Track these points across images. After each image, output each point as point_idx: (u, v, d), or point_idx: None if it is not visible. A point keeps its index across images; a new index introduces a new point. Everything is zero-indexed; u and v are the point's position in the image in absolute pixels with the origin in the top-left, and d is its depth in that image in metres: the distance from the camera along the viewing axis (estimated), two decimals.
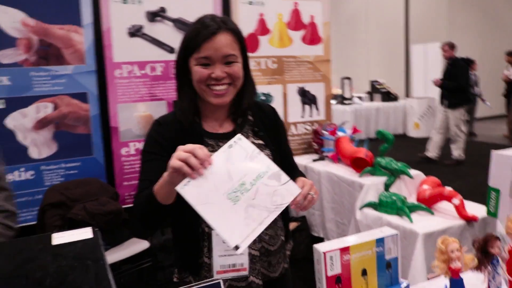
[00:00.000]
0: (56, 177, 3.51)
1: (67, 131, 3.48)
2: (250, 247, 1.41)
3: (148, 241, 3.69)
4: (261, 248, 1.49)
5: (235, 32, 1.41)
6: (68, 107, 3.45)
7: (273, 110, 1.63)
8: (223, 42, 1.37)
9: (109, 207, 3.27)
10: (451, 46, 7.32)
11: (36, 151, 3.39)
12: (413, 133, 10.81)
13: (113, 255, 3.15)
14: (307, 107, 4.32)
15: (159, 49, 3.73)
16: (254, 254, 1.47)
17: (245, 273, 1.41)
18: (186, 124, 1.44)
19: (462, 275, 1.22)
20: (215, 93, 1.40)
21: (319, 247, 1.21)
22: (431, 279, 1.25)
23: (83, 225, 3.00)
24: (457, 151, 7.61)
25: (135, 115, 3.73)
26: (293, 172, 1.57)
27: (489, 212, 1.57)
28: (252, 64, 3.97)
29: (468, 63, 7.30)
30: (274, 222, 1.53)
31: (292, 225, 3.93)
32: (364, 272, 1.25)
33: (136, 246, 3.31)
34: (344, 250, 1.21)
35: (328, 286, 1.21)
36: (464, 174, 6.90)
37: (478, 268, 1.29)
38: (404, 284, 1.30)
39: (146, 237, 3.56)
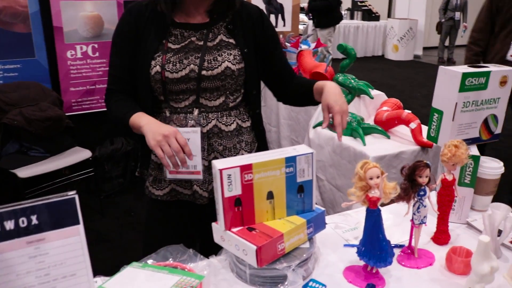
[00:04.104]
0: None
1: (3, 29, 3.15)
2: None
3: (97, 150, 3.52)
4: (214, 159, 1.34)
5: None
6: (2, 1, 3.09)
7: (259, 13, 1.48)
8: None
9: (48, 113, 3.04)
10: None
11: None
12: (391, 55, 10.54)
13: (52, 163, 2.97)
14: (272, 16, 4.00)
15: None
16: (204, 163, 1.36)
17: (199, 177, 1.30)
18: (168, 14, 1.34)
19: (384, 206, 1.07)
20: None
21: (217, 163, 1.03)
22: (345, 207, 1.09)
23: (19, 131, 2.79)
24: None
25: (81, 15, 3.39)
26: (294, 77, 1.52)
27: (429, 136, 1.40)
28: None
29: None
30: (236, 134, 1.43)
31: None
32: (270, 195, 1.08)
33: (78, 155, 3.13)
34: (246, 169, 1.03)
35: (225, 208, 1.04)
36: None
37: (403, 198, 1.14)
38: (319, 211, 1.15)
39: (92, 146, 3.38)
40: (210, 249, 1.17)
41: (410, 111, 2.62)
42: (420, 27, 10.68)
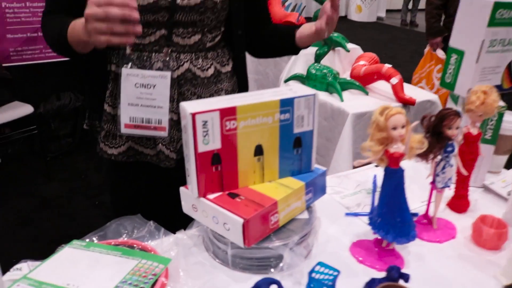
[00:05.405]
0: None
1: None
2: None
3: (41, 106, 3.14)
4: None
5: None
6: None
7: None
8: None
9: None
10: None
11: None
12: (354, 16, 10.34)
13: None
14: None
15: None
16: (172, 117, 1.07)
17: (164, 134, 1.03)
18: None
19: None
20: None
21: (187, 106, 0.75)
22: (358, 167, 0.84)
23: None
24: None
25: None
26: (271, 23, 1.30)
27: (443, 83, 1.16)
28: None
29: None
30: (214, 81, 1.14)
31: None
32: (258, 151, 0.81)
33: (18, 110, 2.75)
34: (228, 113, 0.75)
35: (198, 168, 0.76)
36: (402, 63, 6.64)
37: (424, 156, 0.90)
38: (319, 172, 0.89)
39: (36, 102, 2.99)
40: (177, 222, 0.90)
41: (391, 65, 2.41)
42: None
